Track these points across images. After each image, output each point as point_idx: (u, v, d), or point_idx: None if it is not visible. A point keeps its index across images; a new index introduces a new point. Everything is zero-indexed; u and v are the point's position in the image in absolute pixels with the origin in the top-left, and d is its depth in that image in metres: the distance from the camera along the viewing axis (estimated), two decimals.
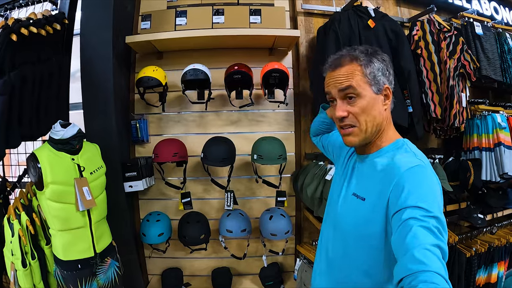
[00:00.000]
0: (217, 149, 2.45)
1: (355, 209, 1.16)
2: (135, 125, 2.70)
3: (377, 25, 2.49)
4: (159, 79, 2.50)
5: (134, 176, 2.49)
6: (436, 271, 0.77)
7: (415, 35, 2.66)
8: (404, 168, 1.02)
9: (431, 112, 2.58)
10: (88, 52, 2.37)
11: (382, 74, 1.13)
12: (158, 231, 2.52)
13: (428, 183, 1.00)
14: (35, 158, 1.91)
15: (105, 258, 2.14)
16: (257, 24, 2.59)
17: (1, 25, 1.95)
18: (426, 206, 0.91)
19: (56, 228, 1.95)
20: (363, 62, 1.12)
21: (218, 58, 2.76)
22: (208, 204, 2.84)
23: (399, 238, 0.89)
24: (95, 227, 2.07)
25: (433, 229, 0.87)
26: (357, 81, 1.12)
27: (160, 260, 2.83)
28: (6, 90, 1.89)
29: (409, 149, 1.13)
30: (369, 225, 1.09)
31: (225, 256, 2.77)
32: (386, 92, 1.14)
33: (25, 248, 1.97)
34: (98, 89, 2.39)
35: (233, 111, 2.78)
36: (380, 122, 1.14)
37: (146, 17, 2.61)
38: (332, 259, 1.27)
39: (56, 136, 1.97)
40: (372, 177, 1.14)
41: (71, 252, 1.98)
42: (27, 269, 1.96)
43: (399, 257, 0.87)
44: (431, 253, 0.81)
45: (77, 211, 1.97)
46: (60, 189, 1.92)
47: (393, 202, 0.99)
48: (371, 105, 1.12)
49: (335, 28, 2.50)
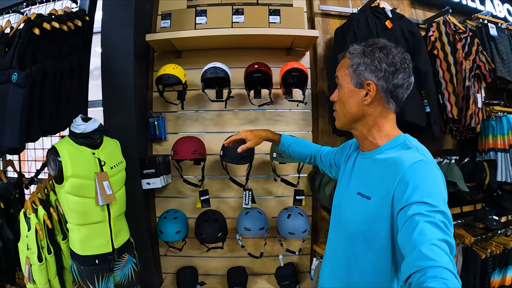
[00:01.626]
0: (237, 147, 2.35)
1: (361, 208, 1.12)
2: (153, 122, 2.61)
3: (394, 26, 2.44)
4: (179, 77, 2.42)
5: (152, 173, 2.41)
6: (445, 266, 0.75)
7: (432, 36, 2.62)
8: (408, 164, 0.99)
9: (447, 112, 2.53)
10: (109, 50, 2.32)
11: (367, 69, 1.10)
12: (175, 228, 2.43)
13: (432, 178, 0.97)
14: (55, 152, 1.84)
15: (122, 254, 2.05)
16: (276, 24, 2.53)
17: (23, 19, 1.90)
18: (431, 201, 0.89)
19: (75, 222, 1.88)
20: (350, 56, 1.15)
21: (236, 57, 2.68)
22: (225, 203, 2.75)
23: (406, 234, 0.87)
24: (114, 222, 1.98)
25: (439, 224, 0.85)
26: (341, 72, 1.18)
27: (175, 259, 2.73)
28: (27, 83, 1.82)
29: (411, 144, 1.10)
30: (376, 223, 1.06)
31: (240, 255, 2.67)
32: (369, 88, 1.11)
33: (42, 242, 1.89)
34: (119, 87, 2.33)
35: (251, 110, 2.70)
36: (357, 115, 1.16)
37: (166, 16, 2.55)
38: (340, 260, 1.23)
39: (78, 130, 1.91)
40: (375, 174, 1.11)
41: (89, 247, 1.90)
42: (43, 263, 1.87)
43: (406, 253, 0.85)
44: (439, 248, 0.79)
45: (96, 205, 1.89)
46: (80, 183, 1.85)
47: (398, 199, 0.97)
48: (347, 97, 1.16)
49: (353, 29, 2.46)
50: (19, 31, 1.87)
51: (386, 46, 1.11)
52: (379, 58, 1.09)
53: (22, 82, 1.81)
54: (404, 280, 0.82)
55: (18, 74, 1.81)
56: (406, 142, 1.11)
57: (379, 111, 1.14)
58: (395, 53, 1.10)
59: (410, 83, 1.14)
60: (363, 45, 1.14)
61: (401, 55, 1.11)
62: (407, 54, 1.14)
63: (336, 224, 1.31)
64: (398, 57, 1.10)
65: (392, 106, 1.14)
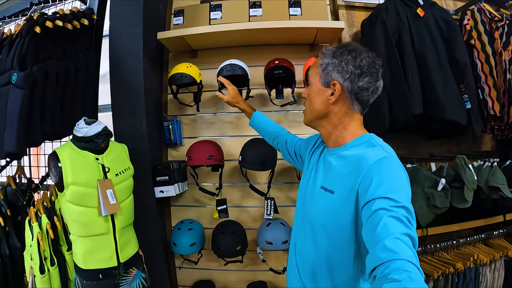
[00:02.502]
0: (257, 151, 2.14)
1: (324, 202, 1.15)
2: (167, 126, 2.44)
3: (426, 14, 2.24)
4: (193, 76, 2.22)
5: (166, 180, 2.22)
6: (408, 259, 0.76)
7: (467, 25, 2.39)
8: (372, 161, 1.02)
9: (488, 109, 2.28)
10: (117, 49, 2.17)
11: (335, 70, 1.13)
12: (190, 240, 2.21)
13: (395, 174, 1.00)
14: (56, 157, 1.70)
15: (129, 269, 1.87)
16: (297, 16, 2.28)
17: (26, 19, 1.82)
18: (395, 196, 0.91)
19: (76, 233, 1.72)
20: (321, 55, 1.19)
21: (255, 55, 2.46)
22: (245, 212, 2.51)
23: (370, 229, 0.89)
24: (120, 234, 1.80)
25: (402, 219, 0.86)
26: (313, 72, 1.22)
27: (191, 271, 2.51)
28: (26, 84, 1.72)
29: (376, 142, 1.12)
30: (338, 217, 1.08)
31: (262, 269, 2.41)
32: (335, 88, 1.14)
33: (44, 253, 1.77)
34: (128, 88, 2.17)
35: (273, 111, 2.46)
36: (322, 113, 1.19)
37: (178, 12, 2.36)
38: (303, 255, 1.26)
39: (79, 133, 1.76)
40: (340, 170, 1.13)
41: (92, 260, 1.73)
42: (45, 275, 1.76)
43: (370, 247, 0.87)
44: (402, 242, 0.81)
45: (99, 215, 1.72)
46: (81, 191, 1.69)
47: (362, 194, 0.98)
48: (314, 94, 1.21)
49: (382, 18, 2.24)
50: (21, 31, 1.76)
51: (356, 49, 1.14)
52: (347, 60, 1.12)
53: (21, 83, 1.72)
54: (369, 273, 0.83)
55: (17, 75, 1.72)
56: (371, 141, 1.13)
57: (344, 111, 1.17)
58: (363, 56, 1.12)
59: (377, 87, 1.15)
60: (336, 47, 1.18)
61: (371, 59, 1.12)
62: (378, 59, 1.15)
63: (300, 217, 1.32)
64: (367, 61, 1.11)
65: (357, 107, 1.16)
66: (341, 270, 1.13)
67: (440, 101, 2.10)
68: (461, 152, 2.44)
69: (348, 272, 1.12)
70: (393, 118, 2.16)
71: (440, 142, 2.61)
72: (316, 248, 1.18)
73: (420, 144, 2.60)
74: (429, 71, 2.14)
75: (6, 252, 1.98)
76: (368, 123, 1.21)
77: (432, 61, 2.15)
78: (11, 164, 2.36)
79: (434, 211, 2.30)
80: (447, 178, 2.32)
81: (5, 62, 1.78)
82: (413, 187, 2.32)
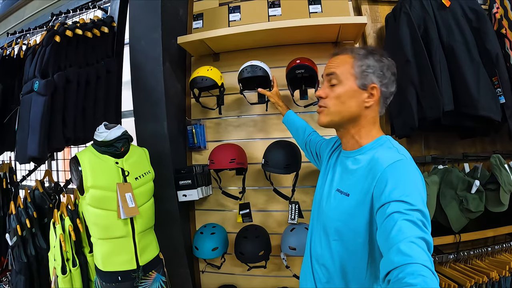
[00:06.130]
0: (280, 154, 2.02)
1: (339, 204, 1.13)
2: (191, 130, 2.38)
3: (452, 4, 2.07)
4: (214, 79, 2.15)
5: (189, 184, 2.15)
6: (423, 263, 0.74)
7: (496, 14, 2.18)
8: (387, 164, 1.00)
9: None
10: (138, 55, 2.15)
11: (373, 73, 1.11)
12: (212, 245, 2.13)
13: (410, 177, 0.98)
14: (76, 161, 1.70)
15: (149, 272, 1.82)
16: (318, 13, 2.19)
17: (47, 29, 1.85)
18: (410, 200, 0.88)
19: (96, 236, 1.71)
20: (356, 56, 1.13)
21: (277, 56, 2.36)
22: (270, 217, 2.39)
23: (384, 232, 0.86)
24: (139, 237, 1.77)
25: (417, 222, 0.84)
26: (343, 70, 1.13)
27: (215, 276, 2.42)
28: (48, 91, 1.74)
29: (391, 145, 1.11)
30: (353, 220, 1.06)
31: (286, 275, 2.27)
32: (373, 92, 1.12)
33: (67, 254, 1.80)
34: (149, 93, 2.14)
35: (297, 113, 2.32)
36: (354, 115, 1.14)
37: (197, 16, 2.34)
38: (318, 257, 1.23)
39: (99, 138, 1.74)
40: (355, 173, 1.11)
41: (111, 263, 1.71)
42: (67, 275, 1.79)
43: (385, 251, 0.85)
44: (417, 245, 0.78)
45: (118, 219, 1.69)
46: (101, 194, 1.67)
47: (377, 197, 0.97)
48: (348, 96, 1.13)
49: (405, 10, 2.08)
50: (42, 41, 1.79)
51: (390, 57, 1.15)
52: (387, 66, 1.12)
53: (42, 90, 1.74)
54: (383, 277, 0.80)
55: (39, 83, 1.74)
56: (387, 143, 1.12)
57: (373, 115, 1.16)
58: (393, 64, 1.14)
59: None
60: (365, 49, 1.15)
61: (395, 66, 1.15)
62: None
63: (316, 219, 1.29)
64: (395, 68, 1.14)
65: (381, 111, 1.17)
66: (354, 274, 1.11)
67: (473, 96, 1.90)
68: (496, 151, 2.25)
69: (361, 277, 1.09)
70: (422, 116, 1.97)
71: (474, 141, 2.39)
72: (330, 251, 1.16)
73: (452, 143, 2.39)
74: (459, 64, 1.95)
75: (32, 253, 2.05)
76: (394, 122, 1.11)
77: (462, 53, 1.96)
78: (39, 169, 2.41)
79: (468, 215, 2.10)
80: (481, 179, 2.12)
81: (28, 71, 1.81)
82: (445, 190, 2.13)
